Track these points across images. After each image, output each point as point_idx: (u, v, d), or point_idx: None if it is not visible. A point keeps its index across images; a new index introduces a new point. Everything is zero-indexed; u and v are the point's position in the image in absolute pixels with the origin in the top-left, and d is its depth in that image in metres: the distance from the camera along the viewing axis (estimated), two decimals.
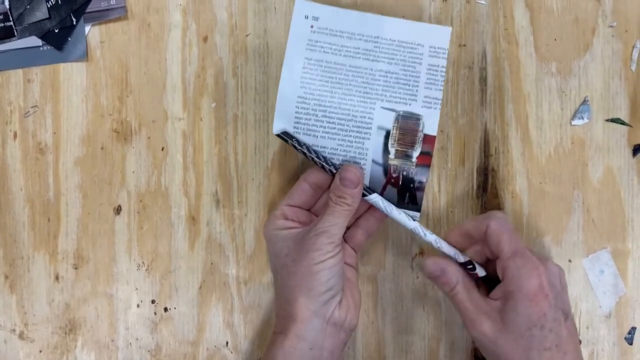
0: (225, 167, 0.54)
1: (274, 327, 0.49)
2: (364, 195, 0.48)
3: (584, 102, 0.53)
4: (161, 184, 0.54)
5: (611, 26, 0.53)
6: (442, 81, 0.50)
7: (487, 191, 0.54)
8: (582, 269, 0.54)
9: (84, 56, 0.54)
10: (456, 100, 0.53)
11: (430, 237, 0.48)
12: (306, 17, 0.49)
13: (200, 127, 0.54)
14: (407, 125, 0.50)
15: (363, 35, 0.50)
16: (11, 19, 0.53)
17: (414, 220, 0.49)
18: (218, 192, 0.54)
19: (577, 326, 0.54)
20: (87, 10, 0.53)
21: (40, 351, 0.55)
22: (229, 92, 0.54)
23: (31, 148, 0.54)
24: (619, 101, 0.53)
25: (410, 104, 0.50)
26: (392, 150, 0.50)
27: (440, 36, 0.50)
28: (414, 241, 0.54)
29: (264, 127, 0.54)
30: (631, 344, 0.54)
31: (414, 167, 0.50)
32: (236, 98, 0.54)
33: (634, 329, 0.54)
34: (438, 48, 0.50)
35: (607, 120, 0.53)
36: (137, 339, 0.55)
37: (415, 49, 0.50)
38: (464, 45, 0.53)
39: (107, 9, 0.53)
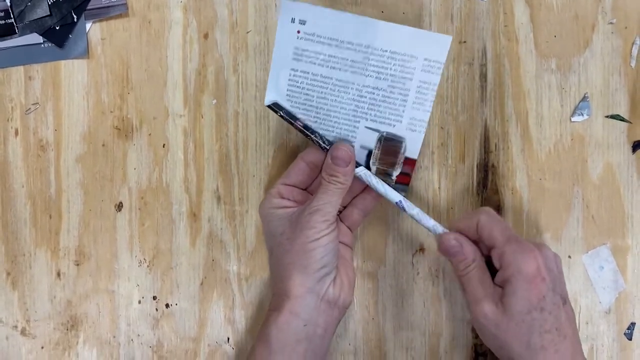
0: (226, 164, 0.54)
1: (269, 305, 0.50)
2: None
3: (584, 98, 0.53)
4: (162, 180, 0.54)
5: (611, 23, 0.53)
6: (431, 101, 0.48)
7: (487, 187, 0.54)
8: (581, 265, 0.54)
9: (85, 53, 0.54)
10: (456, 96, 0.54)
11: (414, 211, 0.48)
12: (292, 21, 0.46)
13: (201, 124, 0.54)
14: (389, 147, 0.49)
15: (353, 44, 0.46)
16: (12, 16, 0.53)
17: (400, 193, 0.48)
18: (219, 189, 0.54)
19: (577, 322, 0.54)
20: (88, 8, 0.53)
21: (42, 347, 0.55)
22: (229, 89, 0.54)
23: (32, 145, 0.55)
24: (618, 97, 0.53)
25: (394, 125, 0.48)
26: (373, 168, 0.50)
27: (438, 46, 0.46)
28: (414, 237, 0.54)
29: (264, 123, 0.54)
30: (631, 339, 0.54)
31: (393, 184, 0.50)
32: (237, 95, 0.54)
33: (633, 324, 0.54)
34: (433, 61, 0.47)
35: (607, 116, 0.54)
36: (138, 335, 0.55)
37: (408, 61, 0.47)
38: (464, 41, 0.53)
39: (108, 6, 0.53)
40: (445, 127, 0.54)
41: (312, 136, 0.48)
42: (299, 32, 0.46)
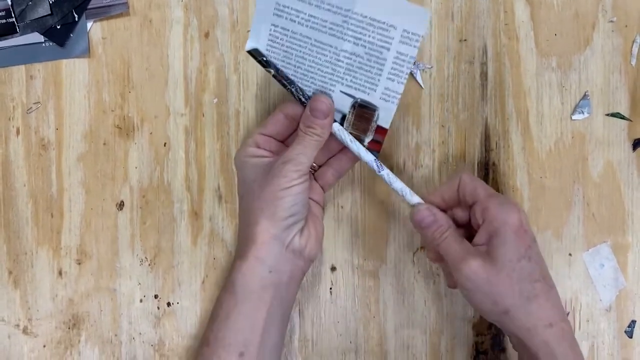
0: (228, 163, 0.54)
1: (235, 253, 0.49)
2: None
3: (584, 96, 0.54)
4: (163, 179, 0.55)
5: (611, 21, 0.53)
6: (406, 73, 0.47)
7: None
8: (582, 263, 0.54)
9: (86, 52, 0.54)
10: (457, 95, 0.54)
11: (383, 172, 0.48)
12: None
13: (202, 123, 0.54)
14: (363, 113, 0.48)
15: (333, 6, 0.45)
16: (13, 16, 0.53)
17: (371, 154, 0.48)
18: (220, 188, 0.54)
19: (578, 320, 0.54)
20: (89, 7, 0.53)
21: (44, 346, 0.55)
22: (230, 88, 0.54)
23: (34, 144, 0.55)
24: (619, 96, 0.54)
25: (369, 94, 0.48)
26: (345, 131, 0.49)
27: (417, 19, 0.45)
28: (415, 236, 0.54)
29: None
30: (631, 337, 0.54)
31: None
32: (238, 93, 0.54)
33: (634, 322, 0.54)
34: (412, 34, 0.45)
35: (607, 114, 0.54)
36: (140, 333, 0.55)
37: (387, 30, 0.45)
38: (465, 40, 0.53)
39: (109, 5, 0.53)
40: (446, 125, 0.54)
41: (291, 88, 0.48)
42: None
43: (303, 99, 0.48)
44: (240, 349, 0.46)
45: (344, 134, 0.48)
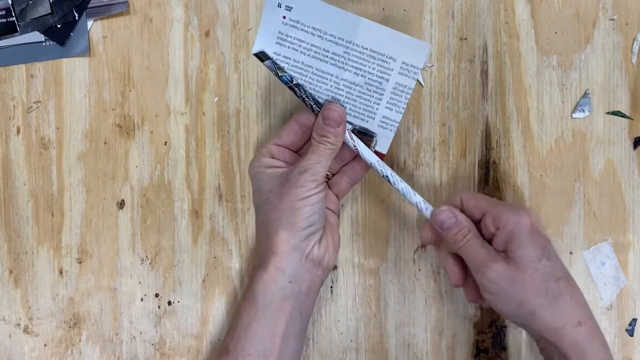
0: (228, 161, 0.54)
1: (254, 264, 0.50)
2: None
3: (585, 95, 0.53)
4: (164, 178, 0.55)
5: (612, 19, 0.53)
6: (405, 103, 0.48)
7: (488, 184, 0.54)
8: (583, 261, 0.54)
9: (87, 51, 0.54)
10: (457, 93, 0.54)
11: (387, 171, 0.48)
12: (279, 6, 0.46)
13: (202, 122, 0.54)
14: (361, 139, 0.49)
15: (335, 37, 0.47)
16: (13, 15, 0.53)
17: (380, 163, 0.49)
18: (221, 186, 0.54)
19: None
20: (89, 6, 0.53)
21: (45, 345, 0.55)
22: (231, 87, 0.54)
23: (34, 143, 0.55)
24: (619, 94, 0.54)
25: (367, 121, 0.49)
26: None
27: (416, 52, 0.46)
28: (416, 234, 0.54)
29: (266, 120, 0.54)
30: (632, 335, 0.54)
31: None
32: (238, 92, 0.54)
33: (634, 320, 0.54)
34: (411, 66, 0.47)
35: (608, 113, 0.54)
36: (141, 332, 0.55)
37: (387, 62, 0.47)
38: (465, 38, 0.53)
39: (109, 4, 0.53)
40: (446, 124, 0.54)
41: (302, 95, 0.48)
42: (284, 17, 0.46)
43: (315, 107, 0.48)
44: (259, 359, 0.46)
45: (356, 141, 0.48)
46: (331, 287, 0.55)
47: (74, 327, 0.55)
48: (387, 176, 0.48)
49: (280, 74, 0.48)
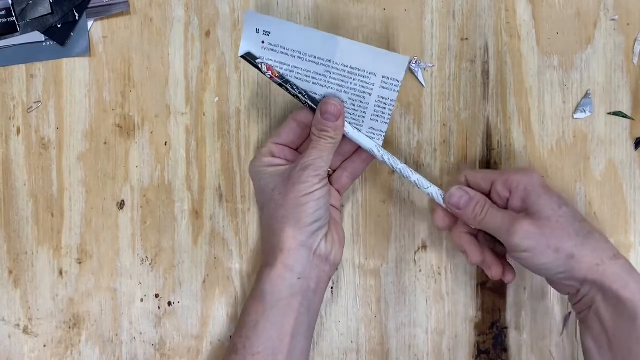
0: (228, 162, 0.54)
1: (262, 262, 0.50)
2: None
3: (586, 95, 0.53)
4: (164, 178, 0.54)
5: (613, 19, 0.53)
6: (389, 114, 0.49)
7: None
8: None
9: (87, 51, 0.54)
10: (458, 94, 0.53)
11: (399, 166, 0.49)
12: (257, 31, 0.46)
13: (203, 122, 0.54)
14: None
15: (315, 58, 0.47)
16: (14, 15, 0.53)
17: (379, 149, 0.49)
18: (221, 187, 0.54)
19: None
20: (90, 6, 0.53)
21: (45, 346, 0.55)
22: (231, 87, 0.54)
23: (34, 143, 0.55)
24: (621, 94, 0.53)
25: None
26: None
27: (395, 66, 0.47)
28: (416, 235, 0.54)
29: (266, 121, 0.54)
30: None
31: None
32: (239, 92, 0.54)
33: None
34: (391, 79, 0.48)
35: (609, 113, 0.54)
36: (141, 333, 0.55)
37: (367, 77, 0.48)
38: (466, 39, 0.53)
39: (110, 4, 0.53)
40: (447, 124, 0.54)
41: (296, 93, 0.48)
42: (263, 42, 0.47)
43: (311, 104, 0.48)
44: (268, 357, 0.46)
45: (356, 135, 0.48)
46: (332, 287, 0.54)
47: (73, 328, 0.55)
48: (399, 169, 0.49)
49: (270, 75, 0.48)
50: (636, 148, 0.54)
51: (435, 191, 0.49)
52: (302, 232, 0.47)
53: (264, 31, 0.46)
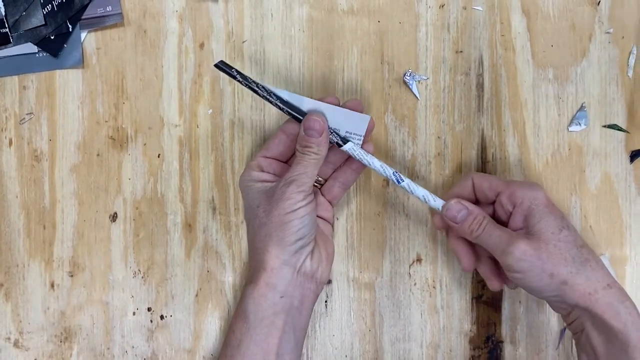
0: (222, 174, 0.54)
1: (246, 279, 0.49)
2: (338, 145, 0.48)
3: (581, 108, 0.53)
4: (157, 191, 0.54)
5: (608, 32, 0.53)
6: (360, 158, 0.49)
7: None
8: None
9: (80, 63, 0.54)
10: (453, 106, 0.53)
11: (404, 183, 0.48)
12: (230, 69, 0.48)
13: (196, 134, 0.54)
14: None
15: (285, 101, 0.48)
16: (7, 26, 0.53)
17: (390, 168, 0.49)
18: (214, 199, 0.54)
19: None
20: (83, 17, 0.53)
21: (36, 359, 0.55)
22: (225, 99, 0.54)
23: (27, 155, 0.54)
24: (616, 107, 0.53)
25: None
26: None
27: (357, 123, 0.48)
28: (411, 248, 0.54)
29: (260, 133, 0.54)
30: None
31: None
32: (232, 104, 0.54)
33: None
34: (353, 134, 0.48)
35: (604, 126, 0.53)
36: (133, 347, 0.54)
37: (332, 134, 0.48)
38: (461, 51, 0.53)
39: (103, 16, 0.53)
40: (442, 136, 0.53)
41: (281, 105, 0.48)
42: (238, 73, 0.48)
43: (298, 116, 0.48)
44: None
45: (361, 152, 0.48)
46: (326, 301, 0.54)
47: (65, 342, 0.55)
48: (398, 180, 0.48)
49: (247, 83, 0.48)
50: (631, 161, 0.53)
51: (439, 203, 0.49)
52: (285, 251, 0.46)
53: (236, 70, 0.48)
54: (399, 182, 0.48)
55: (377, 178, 0.53)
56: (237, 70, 0.48)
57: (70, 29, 0.53)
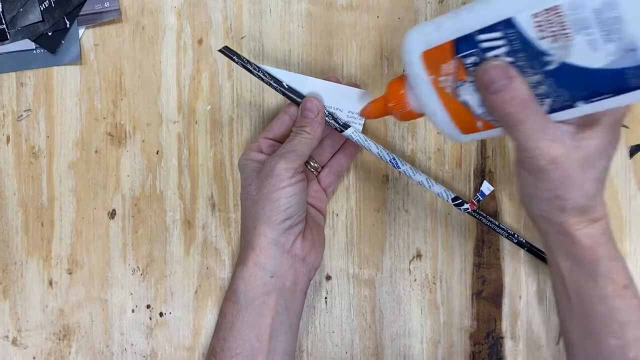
0: (221, 171, 0.54)
1: (237, 260, 0.49)
2: (340, 130, 0.48)
3: None
4: (156, 187, 0.54)
5: None
6: (360, 143, 0.49)
7: None
8: None
9: (78, 59, 0.53)
10: None
11: (404, 167, 0.48)
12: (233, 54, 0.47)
13: (195, 130, 0.54)
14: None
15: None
16: (4, 22, 0.53)
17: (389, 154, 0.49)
18: (214, 196, 0.54)
19: None
20: (81, 13, 0.53)
21: (34, 358, 0.54)
22: (224, 95, 0.53)
23: (24, 152, 0.54)
24: None
25: None
26: None
27: (359, 100, 0.48)
28: (411, 244, 0.54)
29: (259, 129, 0.54)
30: None
31: None
32: (231, 100, 0.54)
33: None
34: (355, 113, 0.48)
35: None
36: (132, 344, 0.54)
37: (334, 112, 0.48)
38: None
39: (101, 12, 0.53)
40: (441, 132, 0.53)
41: (282, 89, 0.48)
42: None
43: (299, 100, 0.48)
44: (247, 358, 0.45)
45: (362, 137, 0.48)
46: (325, 297, 0.54)
47: (63, 339, 0.54)
48: (397, 165, 0.49)
49: (251, 68, 0.47)
50: (631, 156, 0.53)
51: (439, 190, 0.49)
52: (274, 230, 0.46)
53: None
54: (397, 168, 0.48)
55: (377, 174, 0.53)
56: (239, 55, 0.47)
57: (68, 25, 0.53)
